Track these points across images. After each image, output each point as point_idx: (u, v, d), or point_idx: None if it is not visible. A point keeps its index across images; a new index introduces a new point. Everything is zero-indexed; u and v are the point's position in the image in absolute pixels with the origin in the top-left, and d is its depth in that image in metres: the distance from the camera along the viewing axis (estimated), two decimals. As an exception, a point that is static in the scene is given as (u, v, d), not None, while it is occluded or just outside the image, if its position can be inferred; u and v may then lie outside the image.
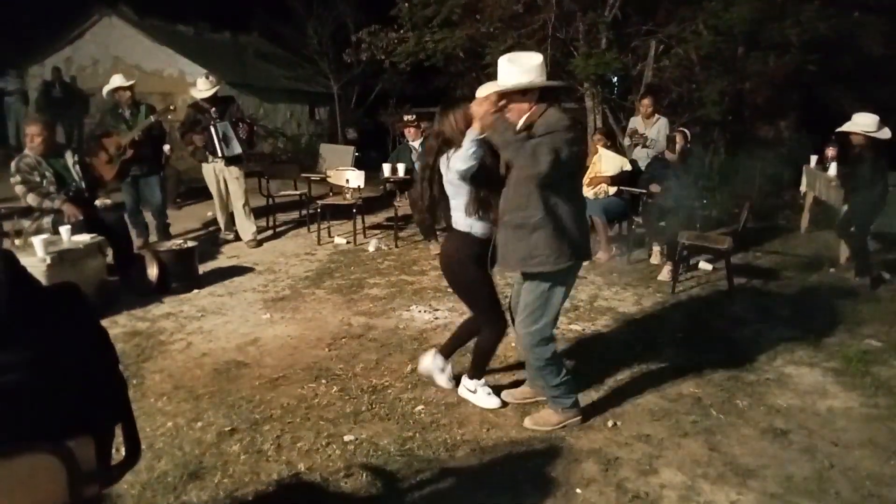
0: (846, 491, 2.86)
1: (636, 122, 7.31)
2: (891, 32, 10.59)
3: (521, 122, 2.99)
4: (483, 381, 3.59)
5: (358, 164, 9.08)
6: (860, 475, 2.98)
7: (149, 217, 7.20)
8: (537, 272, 3.06)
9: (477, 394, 3.57)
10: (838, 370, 4.10)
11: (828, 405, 3.66)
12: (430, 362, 3.71)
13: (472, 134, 2.99)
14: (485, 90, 3.12)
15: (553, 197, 2.95)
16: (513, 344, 4.23)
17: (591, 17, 9.73)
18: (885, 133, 5.78)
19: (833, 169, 7.04)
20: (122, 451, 1.77)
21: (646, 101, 7.16)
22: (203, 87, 6.87)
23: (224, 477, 2.85)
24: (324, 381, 3.84)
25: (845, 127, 5.92)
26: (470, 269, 3.34)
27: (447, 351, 3.71)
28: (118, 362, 1.80)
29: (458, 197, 3.27)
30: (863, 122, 5.81)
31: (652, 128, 7.06)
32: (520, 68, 2.95)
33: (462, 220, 3.29)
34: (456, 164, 3.09)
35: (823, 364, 4.19)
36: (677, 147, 5.99)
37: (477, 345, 3.55)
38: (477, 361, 3.56)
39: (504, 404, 3.55)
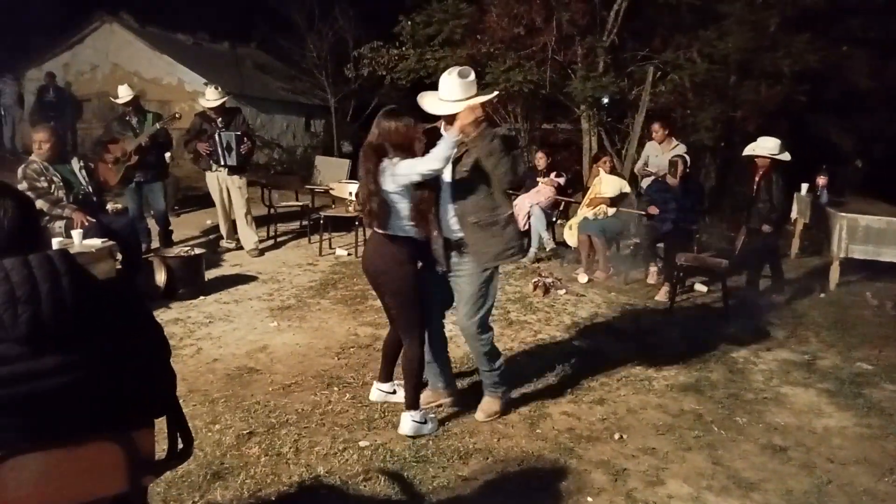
0: (844, 505, 2.98)
1: (652, 148, 7.29)
2: (877, 65, 10.93)
3: (475, 132, 3.13)
4: (422, 410, 3.45)
5: (353, 177, 9.18)
6: (856, 490, 3.11)
7: (151, 223, 7.27)
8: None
9: (396, 394, 3.69)
10: (832, 391, 4.24)
11: (823, 424, 3.80)
12: (378, 396, 3.76)
13: (452, 136, 3.08)
14: (428, 100, 3.26)
15: (501, 200, 3.37)
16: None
17: (589, 42, 9.99)
18: (786, 156, 6.15)
19: (825, 196, 7.26)
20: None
21: (655, 126, 7.24)
22: (211, 97, 6.96)
23: (246, 478, 2.92)
24: (336, 388, 3.92)
25: (749, 150, 6.25)
26: (410, 271, 3.34)
27: (385, 375, 3.75)
28: (170, 355, 1.86)
29: (402, 202, 3.25)
30: (767, 146, 6.13)
31: (670, 153, 6.85)
32: (471, 80, 3.21)
33: (405, 225, 3.29)
34: (419, 166, 3.12)
35: (818, 385, 4.34)
36: (678, 171, 6.16)
37: (406, 369, 3.42)
38: (411, 387, 3.40)
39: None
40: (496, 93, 3.25)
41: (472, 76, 3.23)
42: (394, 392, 3.76)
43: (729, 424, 3.71)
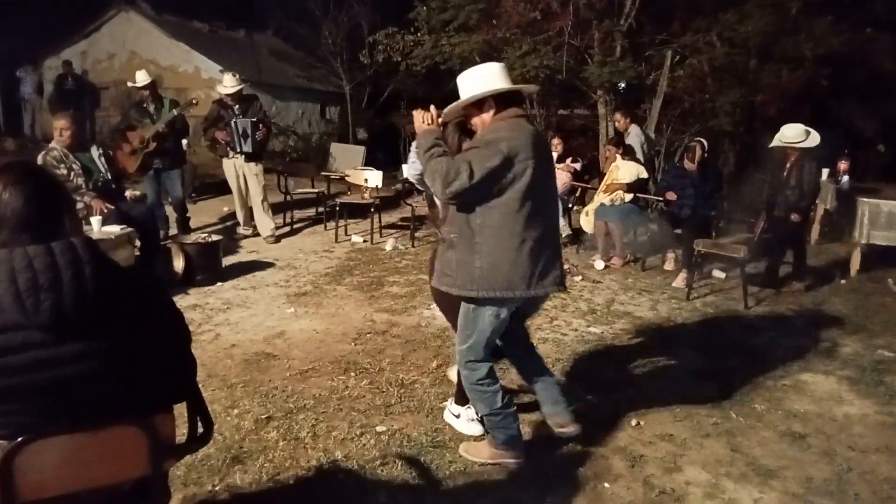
0: (865, 493, 2.95)
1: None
2: (902, 49, 10.72)
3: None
4: (467, 406, 3.27)
5: (368, 164, 9.23)
6: (878, 479, 3.07)
7: (169, 210, 7.33)
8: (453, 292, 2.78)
9: (460, 419, 3.33)
10: (853, 378, 4.20)
11: (844, 412, 3.76)
12: (448, 417, 3.39)
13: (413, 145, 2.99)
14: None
15: (477, 219, 2.65)
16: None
17: (606, 26, 9.87)
18: (816, 138, 5.94)
19: (846, 181, 7.16)
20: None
21: (616, 116, 7.70)
22: (229, 84, 6.99)
23: (265, 462, 2.95)
24: (353, 374, 3.94)
25: (776, 142, 6.10)
26: None
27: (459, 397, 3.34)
28: (191, 342, 1.87)
29: None
30: (792, 134, 5.97)
31: (628, 140, 7.48)
32: (471, 81, 2.75)
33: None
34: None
35: (838, 372, 4.29)
36: (696, 157, 6.09)
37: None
38: (461, 386, 3.17)
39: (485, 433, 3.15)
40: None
41: (471, 74, 2.78)
42: (458, 416, 3.34)
43: (747, 411, 3.68)
